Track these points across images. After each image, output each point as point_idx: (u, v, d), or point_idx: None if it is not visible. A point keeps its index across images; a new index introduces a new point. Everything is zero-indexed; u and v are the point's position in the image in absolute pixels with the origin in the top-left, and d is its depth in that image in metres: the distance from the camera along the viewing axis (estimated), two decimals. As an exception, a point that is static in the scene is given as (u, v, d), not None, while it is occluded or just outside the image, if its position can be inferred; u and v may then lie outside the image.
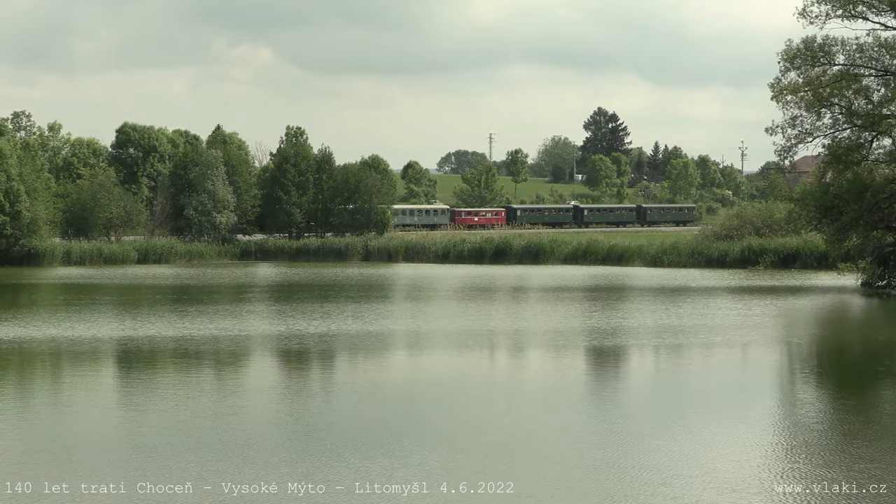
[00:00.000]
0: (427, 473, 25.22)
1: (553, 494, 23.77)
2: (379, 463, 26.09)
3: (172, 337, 50.94)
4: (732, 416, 32.76)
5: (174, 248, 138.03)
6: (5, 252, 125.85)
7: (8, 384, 39.27)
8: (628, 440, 29.00)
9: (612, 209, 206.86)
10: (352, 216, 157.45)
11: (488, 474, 25.18)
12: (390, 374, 42.11)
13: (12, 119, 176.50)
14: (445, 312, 66.05)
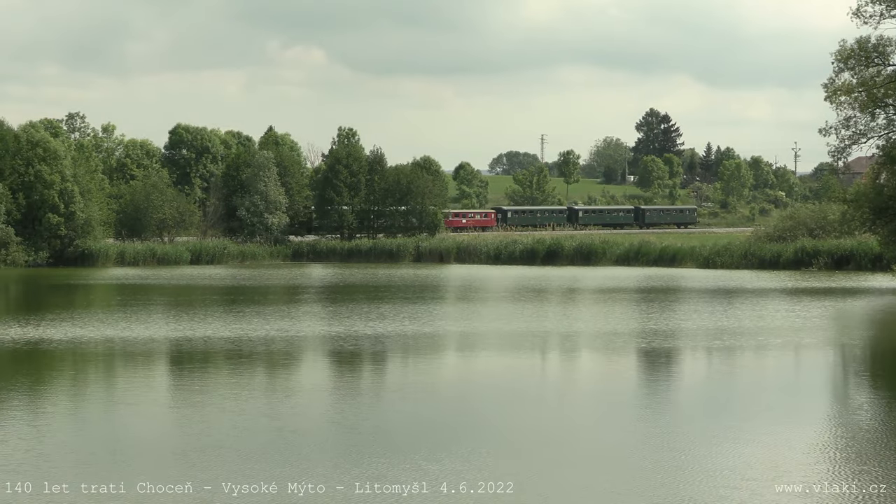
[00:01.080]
0: (476, 474, 25.18)
1: (611, 498, 23.72)
2: (429, 464, 26.07)
3: (226, 338, 51.12)
4: (786, 418, 32.58)
5: (227, 249, 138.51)
6: (60, 252, 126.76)
7: (63, 384, 39.53)
8: (682, 442, 28.88)
9: (609, 210, 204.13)
10: (403, 217, 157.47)
11: (542, 476, 25.14)
12: (443, 376, 42.12)
13: (67, 120, 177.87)
14: (498, 314, 65.98)
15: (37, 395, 36.61)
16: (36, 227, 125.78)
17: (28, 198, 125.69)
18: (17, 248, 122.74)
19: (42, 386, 38.78)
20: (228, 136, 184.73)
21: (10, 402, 35.23)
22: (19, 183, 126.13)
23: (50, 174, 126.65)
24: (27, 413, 33.23)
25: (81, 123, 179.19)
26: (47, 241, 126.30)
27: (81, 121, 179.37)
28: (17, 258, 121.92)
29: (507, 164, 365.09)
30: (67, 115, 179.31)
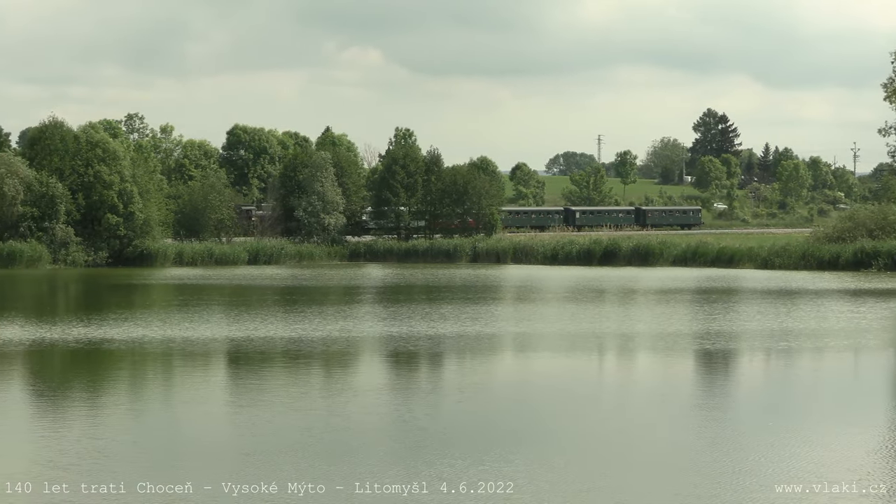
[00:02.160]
0: (531, 476, 25.08)
1: (675, 500, 23.57)
2: (481, 465, 25.97)
3: (284, 338, 51.21)
4: (849, 420, 32.26)
5: (284, 250, 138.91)
6: (119, 252, 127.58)
7: (122, 384, 39.71)
8: (739, 444, 28.66)
9: (608, 211, 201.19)
10: (460, 218, 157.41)
11: (598, 478, 25.02)
12: (499, 377, 42.01)
13: (126, 121, 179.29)
14: (556, 315, 65.79)
15: (96, 395, 36.78)
16: (95, 227, 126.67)
17: (88, 198, 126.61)
18: (77, 249, 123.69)
19: (102, 386, 38.96)
20: (286, 136, 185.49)
21: (71, 401, 35.42)
22: (79, 183, 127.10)
23: (109, 175, 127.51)
24: (87, 413, 33.38)
25: (140, 124, 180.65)
26: (106, 242, 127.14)
27: (140, 122, 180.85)
28: (77, 258, 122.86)
29: (563, 164, 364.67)
30: (127, 115, 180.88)
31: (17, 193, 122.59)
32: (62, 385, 39.00)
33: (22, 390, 38.23)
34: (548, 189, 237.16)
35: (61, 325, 57.01)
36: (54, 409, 34.00)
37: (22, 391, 38.06)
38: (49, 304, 78.56)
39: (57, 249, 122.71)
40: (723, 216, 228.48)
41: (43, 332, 53.12)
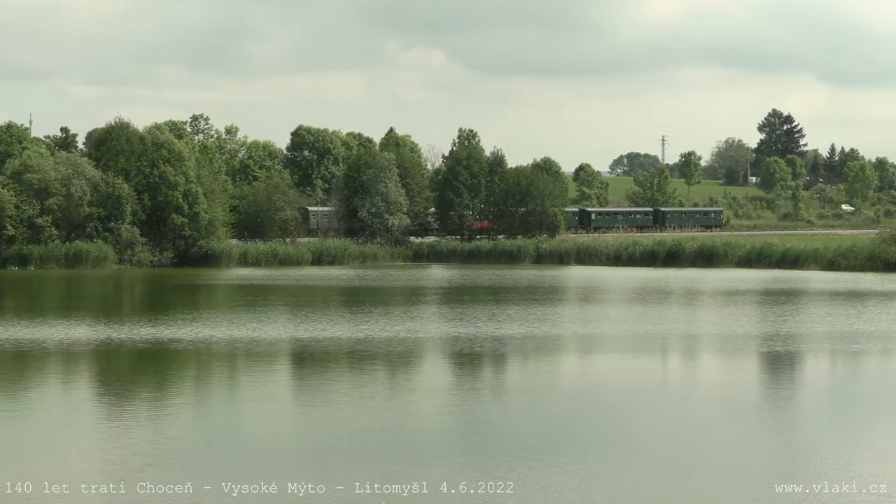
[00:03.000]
0: (592, 478, 24.99)
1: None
2: (543, 467, 25.92)
3: (349, 338, 51.33)
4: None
5: (348, 250, 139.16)
6: (184, 253, 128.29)
7: (187, 384, 39.94)
8: (802, 446, 28.45)
9: (625, 212, 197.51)
10: (523, 219, 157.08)
11: (659, 480, 24.91)
12: (562, 377, 41.96)
13: (191, 122, 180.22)
14: (620, 316, 65.58)
15: (165, 395, 37.01)
16: (161, 227, 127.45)
17: (153, 199, 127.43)
18: (143, 249, 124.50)
19: (170, 386, 39.20)
20: (349, 137, 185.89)
21: (138, 401, 35.66)
22: (144, 184, 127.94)
23: (174, 175, 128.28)
24: (155, 413, 33.60)
25: (205, 125, 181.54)
26: (172, 242, 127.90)
27: (205, 122, 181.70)
28: (143, 259, 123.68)
29: (627, 165, 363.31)
30: (191, 116, 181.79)
31: (83, 194, 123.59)
32: (130, 385, 39.26)
33: (91, 390, 38.53)
34: (611, 190, 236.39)
35: (128, 325, 57.44)
36: (122, 410, 34.24)
37: (91, 391, 38.36)
38: (116, 304, 79.18)
39: (123, 250, 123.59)
40: (788, 217, 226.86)
41: (111, 333, 53.53)
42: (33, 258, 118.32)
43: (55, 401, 36.30)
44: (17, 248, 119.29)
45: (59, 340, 50.34)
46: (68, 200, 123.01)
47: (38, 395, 37.05)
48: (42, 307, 72.47)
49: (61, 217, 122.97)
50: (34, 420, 32.57)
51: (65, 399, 36.76)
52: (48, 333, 52.96)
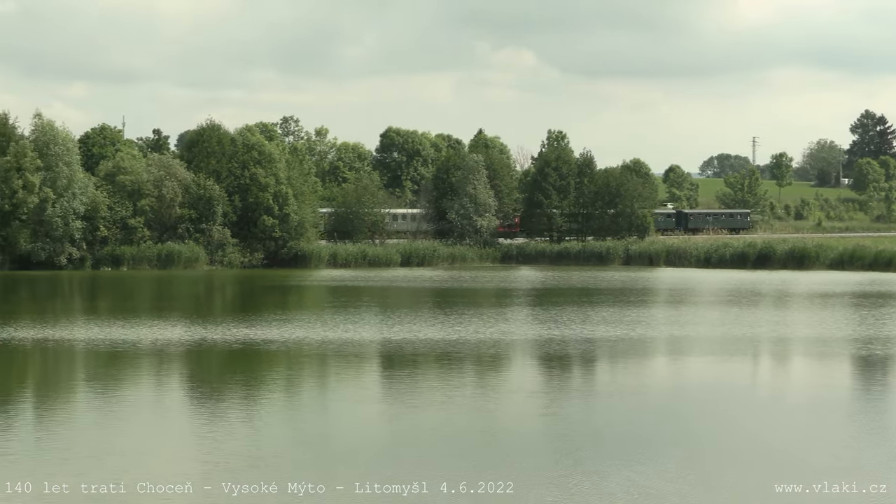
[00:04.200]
0: (682, 481, 24.81)
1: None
2: (632, 469, 25.78)
3: (438, 340, 51.38)
4: None
5: (436, 251, 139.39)
6: (274, 254, 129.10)
7: (277, 384, 40.15)
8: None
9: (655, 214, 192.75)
10: (613, 220, 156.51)
11: (750, 483, 24.70)
12: (650, 380, 41.72)
13: (281, 124, 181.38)
14: (710, 318, 65.13)
15: (253, 395, 37.24)
16: (251, 229, 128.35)
17: (244, 200, 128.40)
18: (234, 250, 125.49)
19: (260, 385, 39.45)
20: (438, 138, 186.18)
21: (228, 401, 35.91)
22: (235, 185, 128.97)
23: (265, 177, 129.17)
24: (243, 413, 33.83)
25: (295, 127, 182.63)
26: (262, 243, 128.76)
27: (295, 124, 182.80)
28: (233, 259, 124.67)
29: (717, 166, 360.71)
30: (282, 118, 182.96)
31: (175, 195, 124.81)
32: (221, 385, 39.55)
33: (183, 390, 38.87)
34: (701, 191, 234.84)
35: (220, 325, 57.89)
36: (213, 410, 34.49)
37: (183, 391, 38.70)
38: (207, 304, 79.85)
39: (214, 251, 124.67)
40: (881, 219, 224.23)
41: (203, 333, 53.99)
42: (126, 259, 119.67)
43: (147, 401, 36.65)
44: (111, 248, 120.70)
45: (153, 341, 50.85)
46: (160, 202, 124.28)
47: (131, 395, 37.43)
48: (135, 308, 73.26)
49: (153, 218, 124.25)
50: (127, 420, 32.90)
51: (157, 399, 37.11)
52: (141, 334, 53.52)
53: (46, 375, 42.74)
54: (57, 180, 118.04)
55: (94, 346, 49.42)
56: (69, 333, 53.97)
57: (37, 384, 40.32)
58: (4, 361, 45.62)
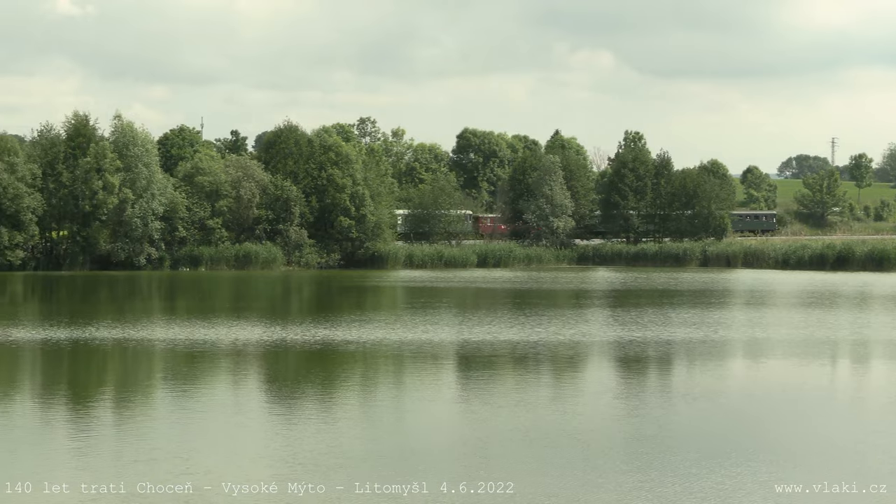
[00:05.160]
0: (760, 487, 24.61)
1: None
2: (713, 474, 25.60)
3: (511, 341, 51.29)
4: None
5: (513, 252, 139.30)
6: (351, 255, 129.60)
7: (353, 384, 40.23)
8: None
9: None
10: (690, 221, 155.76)
11: (828, 486, 24.48)
12: (727, 382, 41.40)
13: (358, 125, 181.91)
14: (788, 320, 64.56)
15: (329, 395, 37.35)
16: (328, 229, 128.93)
17: (321, 201, 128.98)
18: (311, 251, 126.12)
19: (337, 385, 39.55)
20: (515, 139, 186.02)
21: (305, 401, 36.02)
22: (312, 186, 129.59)
23: (342, 178, 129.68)
24: (320, 413, 33.92)
25: (372, 128, 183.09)
26: (339, 244, 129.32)
27: (372, 125, 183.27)
28: (310, 260, 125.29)
29: (796, 167, 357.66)
30: (359, 119, 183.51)
31: (253, 196, 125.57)
32: (298, 385, 39.68)
33: (260, 390, 39.05)
34: (780, 193, 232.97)
35: (298, 326, 58.13)
36: (289, 409, 34.62)
37: (260, 391, 38.87)
38: (284, 305, 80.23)
39: (291, 251, 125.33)
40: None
41: (281, 333, 54.22)
42: (204, 259, 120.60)
43: (225, 400, 36.85)
44: (189, 249, 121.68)
45: (232, 341, 51.14)
46: (238, 202, 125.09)
47: (209, 395, 37.65)
48: (213, 308, 73.74)
49: (231, 219, 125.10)
50: (205, 419, 33.09)
51: (234, 398, 37.30)
52: (220, 334, 53.85)
53: (126, 375, 43.10)
54: (136, 181, 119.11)
55: (173, 346, 49.79)
56: (149, 333, 54.42)
57: (116, 384, 40.67)
58: (85, 361, 46.08)
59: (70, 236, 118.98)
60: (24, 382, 40.70)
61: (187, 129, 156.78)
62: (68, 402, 35.94)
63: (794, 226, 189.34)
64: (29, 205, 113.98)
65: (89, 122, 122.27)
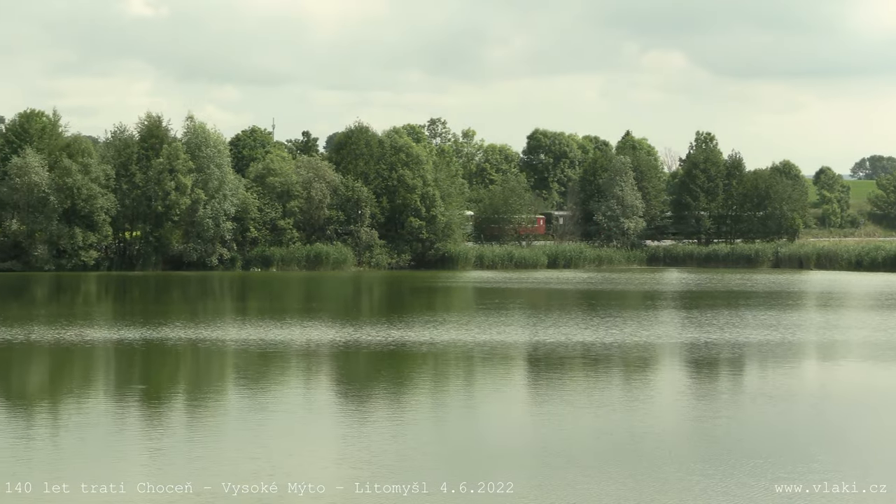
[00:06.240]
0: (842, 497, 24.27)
1: None
2: (794, 479, 25.24)
3: (582, 342, 51.01)
4: None
5: (583, 253, 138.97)
6: (421, 255, 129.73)
7: (424, 385, 40.13)
8: None
9: None
10: (761, 222, 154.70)
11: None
12: (801, 385, 40.99)
13: (429, 126, 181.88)
14: (863, 322, 63.84)
15: (399, 396, 37.26)
16: (398, 230, 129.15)
17: (391, 202, 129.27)
18: (381, 251, 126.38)
19: (405, 386, 39.46)
20: (586, 140, 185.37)
21: (375, 401, 35.96)
22: (383, 187, 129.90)
23: (412, 179, 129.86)
24: (390, 413, 33.84)
25: (443, 129, 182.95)
26: (409, 244, 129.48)
27: (443, 126, 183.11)
28: (381, 261, 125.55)
29: (870, 168, 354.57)
30: (429, 120, 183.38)
31: (324, 197, 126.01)
32: (368, 385, 39.62)
33: (331, 390, 39.03)
34: (853, 194, 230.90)
35: (369, 326, 58.13)
36: (360, 410, 34.56)
37: (331, 391, 38.86)
38: (355, 305, 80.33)
39: (361, 252, 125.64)
40: None
41: (353, 334, 54.25)
42: (275, 260, 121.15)
43: (296, 400, 36.86)
44: (260, 249, 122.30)
45: (305, 341, 51.21)
46: (309, 203, 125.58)
47: (280, 395, 37.67)
48: (284, 308, 73.92)
49: (302, 220, 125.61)
50: (276, 420, 33.08)
51: (306, 399, 37.32)
52: (292, 334, 53.95)
53: (199, 375, 43.24)
54: (208, 182, 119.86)
55: (245, 346, 49.92)
56: (221, 334, 54.61)
57: (189, 384, 40.79)
58: (158, 361, 46.27)
59: (143, 237, 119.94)
60: (99, 382, 40.93)
61: (259, 129, 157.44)
62: (142, 402, 36.08)
63: (867, 227, 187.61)
64: (102, 205, 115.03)
65: (162, 123, 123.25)
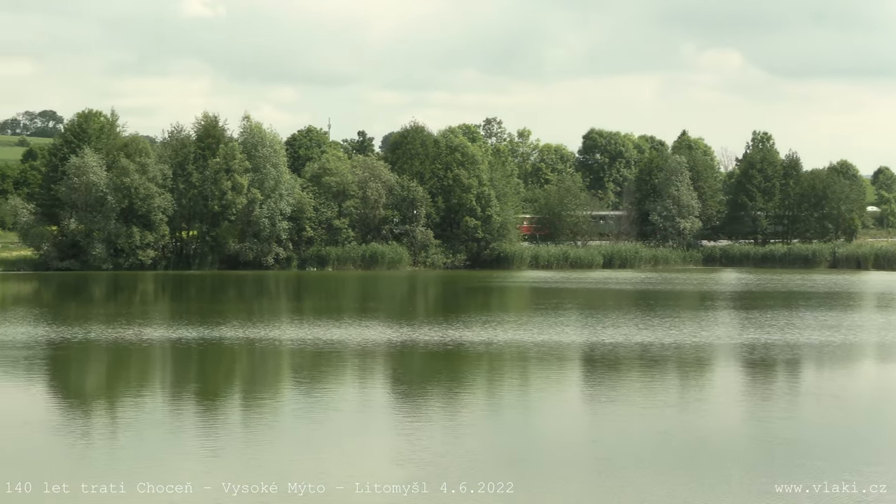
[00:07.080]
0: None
1: None
2: (851, 482, 25.05)
3: (638, 343, 50.82)
4: None
5: (639, 253, 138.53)
6: (476, 255, 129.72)
7: (479, 385, 40.09)
8: None
9: None
10: (819, 223, 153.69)
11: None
12: (858, 386, 40.68)
13: (484, 125, 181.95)
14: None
15: (453, 395, 37.24)
16: (454, 230, 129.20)
17: (447, 201, 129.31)
18: (436, 251, 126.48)
19: (461, 386, 39.44)
20: (641, 140, 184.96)
21: (429, 401, 35.96)
22: (438, 187, 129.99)
23: (468, 178, 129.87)
24: (445, 413, 33.83)
25: (498, 129, 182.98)
26: (465, 244, 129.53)
27: (498, 126, 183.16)
28: (436, 260, 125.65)
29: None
30: (485, 120, 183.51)
31: (379, 197, 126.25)
32: (423, 385, 39.63)
33: (385, 389, 39.05)
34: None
35: (425, 326, 58.15)
36: (414, 409, 34.57)
37: (385, 391, 38.87)
38: (411, 305, 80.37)
39: (417, 251, 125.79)
40: None
41: (409, 334, 54.28)
42: (331, 259, 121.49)
43: (351, 399, 36.91)
44: (316, 249, 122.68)
45: (361, 340, 51.27)
46: (365, 203, 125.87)
47: (335, 394, 37.75)
48: (340, 307, 74.09)
49: (358, 219, 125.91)
50: (330, 420, 33.15)
51: (360, 398, 37.37)
52: (348, 333, 54.03)
53: (254, 374, 43.39)
54: (265, 181, 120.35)
55: (301, 345, 50.06)
56: (278, 333, 54.78)
57: (246, 383, 40.95)
58: (214, 360, 46.47)
59: (199, 236, 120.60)
60: (156, 381, 41.16)
61: (314, 129, 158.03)
62: (199, 401, 36.25)
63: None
64: (160, 205, 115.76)
65: (218, 122, 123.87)
